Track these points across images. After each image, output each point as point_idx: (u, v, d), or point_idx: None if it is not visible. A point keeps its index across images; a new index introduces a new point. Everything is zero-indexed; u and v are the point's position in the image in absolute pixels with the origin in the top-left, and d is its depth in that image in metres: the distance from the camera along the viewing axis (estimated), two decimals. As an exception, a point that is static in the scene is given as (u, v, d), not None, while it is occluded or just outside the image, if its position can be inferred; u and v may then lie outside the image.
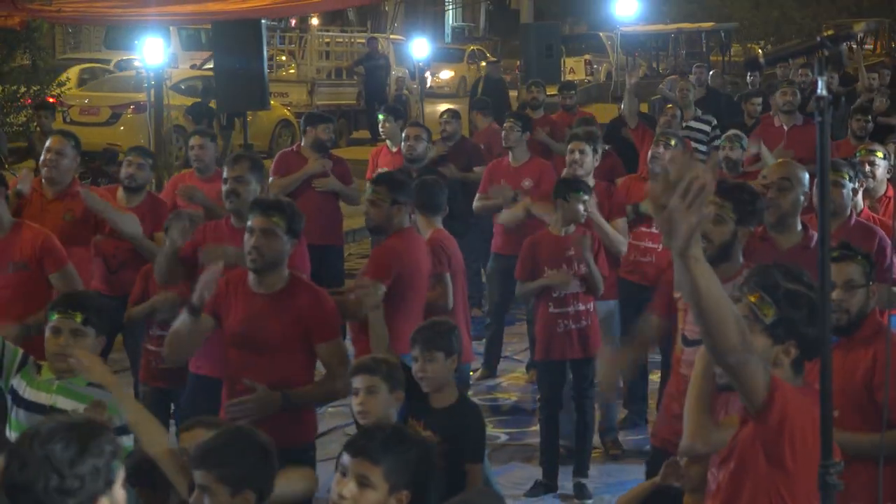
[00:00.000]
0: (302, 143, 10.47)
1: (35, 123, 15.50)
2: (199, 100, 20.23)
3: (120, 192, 8.55)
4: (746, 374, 3.66)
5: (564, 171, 8.86)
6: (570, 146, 8.71)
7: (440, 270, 7.26)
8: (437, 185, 7.74)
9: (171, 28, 24.28)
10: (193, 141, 9.58)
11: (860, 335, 4.84)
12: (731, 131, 10.11)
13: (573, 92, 14.31)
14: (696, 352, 5.54)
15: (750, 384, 3.68)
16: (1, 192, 7.05)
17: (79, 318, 5.25)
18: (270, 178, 10.20)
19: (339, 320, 5.92)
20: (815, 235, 6.05)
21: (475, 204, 10.23)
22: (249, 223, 5.77)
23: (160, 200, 8.94)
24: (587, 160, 8.57)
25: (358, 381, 5.23)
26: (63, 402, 5.20)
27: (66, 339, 5.24)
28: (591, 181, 8.54)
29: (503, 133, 10.50)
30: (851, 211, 6.84)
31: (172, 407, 7.60)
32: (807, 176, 6.29)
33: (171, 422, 7.44)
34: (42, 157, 8.03)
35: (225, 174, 6.87)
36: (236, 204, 6.73)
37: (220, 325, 5.85)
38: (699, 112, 13.54)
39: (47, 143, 8.11)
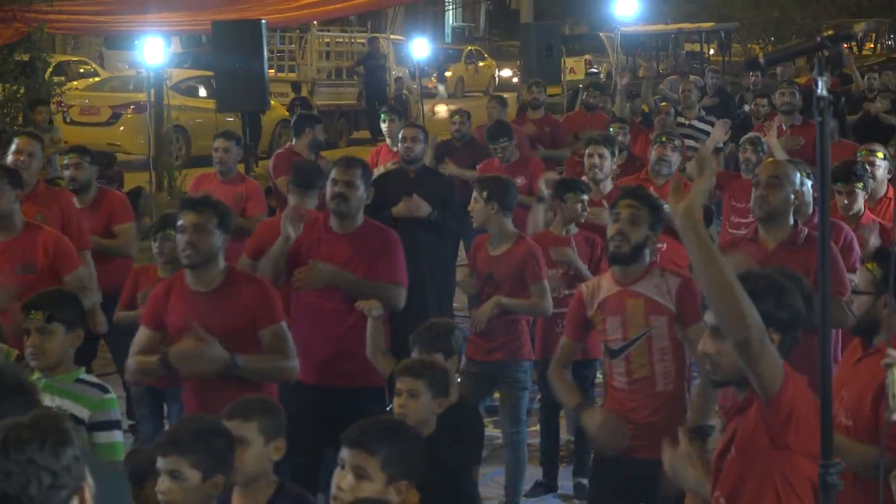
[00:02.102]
0: (294, 143, 10.44)
1: (32, 121, 15.47)
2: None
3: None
4: (764, 357, 3.69)
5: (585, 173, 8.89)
6: (588, 150, 8.72)
7: (542, 278, 7.23)
8: (511, 183, 7.65)
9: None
10: (218, 143, 9.57)
11: (880, 346, 4.80)
12: (752, 134, 10.10)
13: (598, 92, 14.27)
14: (623, 363, 5.63)
15: (767, 368, 3.72)
16: (15, 194, 7.01)
17: (41, 317, 5.26)
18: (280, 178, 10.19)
19: (280, 305, 5.93)
20: (804, 231, 6.12)
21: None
22: (180, 221, 5.80)
23: (112, 193, 8.94)
24: (606, 163, 8.61)
25: (401, 384, 5.18)
26: (48, 400, 5.18)
27: (34, 339, 5.27)
28: (609, 184, 8.56)
29: (498, 154, 10.48)
30: (815, 209, 6.85)
31: (166, 408, 7.60)
32: (798, 175, 6.32)
33: (165, 422, 7.44)
34: (12, 158, 8.02)
35: (334, 175, 6.66)
36: (343, 208, 6.59)
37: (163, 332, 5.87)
38: (703, 112, 13.56)
39: (15, 145, 8.12)
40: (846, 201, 7.48)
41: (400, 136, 9.51)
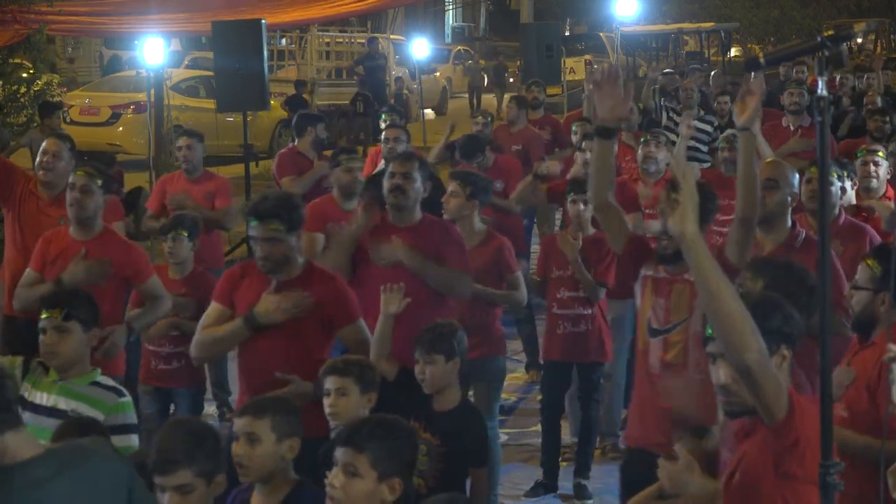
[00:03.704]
0: (297, 143, 10.44)
1: (37, 124, 15.46)
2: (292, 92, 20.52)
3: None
4: (766, 381, 3.64)
5: (574, 171, 8.86)
6: (582, 146, 8.71)
7: (516, 270, 7.37)
8: (490, 182, 7.71)
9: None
10: (181, 142, 9.57)
11: (875, 340, 4.85)
12: (730, 131, 10.06)
13: None
14: (661, 343, 5.58)
15: (769, 393, 3.67)
16: (104, 199, 6.94)
17: (59, 315, 5.22)
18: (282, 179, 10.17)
19: (356, 303, 5.91)
20: (802, 234, 6.10)
21: None
22: (252, 232, 5.78)
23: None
24: None
25: (329, 383, 5.23)
26: (63, 403, 5.16)
27: (50, 337, 5.22)
28: None
29: (474, 166, 10.38)
30: (840, 210, 6.85)
31: (172, 407, 7.60)
32: (796, 176, 6.30)
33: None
34: (38, 159, 7.83)
35: (392, 168, 6.65)
36: (401, 200, 6.59)
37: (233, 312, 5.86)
38: (702, 112, 13.57)
39: (43, 145, 7.92)
40: None
41: (382, 136, 9.52)
